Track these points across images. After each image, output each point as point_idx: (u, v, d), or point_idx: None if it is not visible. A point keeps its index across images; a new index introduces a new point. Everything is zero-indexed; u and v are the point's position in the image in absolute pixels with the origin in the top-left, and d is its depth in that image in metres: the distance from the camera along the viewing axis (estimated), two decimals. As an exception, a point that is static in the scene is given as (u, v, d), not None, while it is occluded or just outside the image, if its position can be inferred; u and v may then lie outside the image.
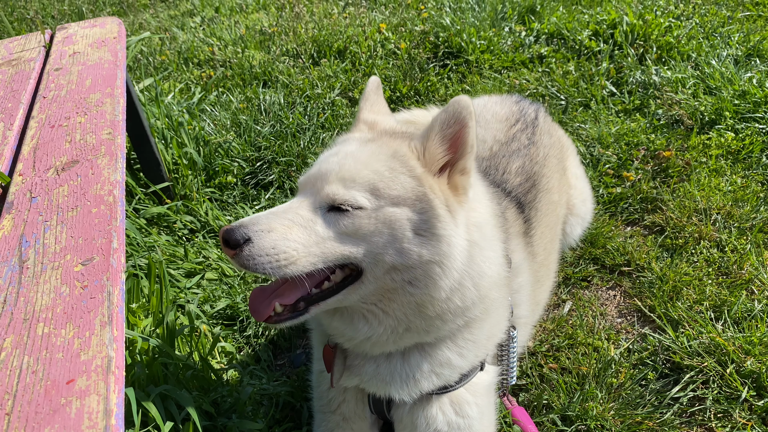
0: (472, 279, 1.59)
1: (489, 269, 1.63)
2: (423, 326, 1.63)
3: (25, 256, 1.56)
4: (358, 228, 1.50)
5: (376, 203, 1.51)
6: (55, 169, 1.93)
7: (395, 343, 1.67)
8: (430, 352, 1.73)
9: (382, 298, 1.58)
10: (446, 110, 1.50)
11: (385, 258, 1.51)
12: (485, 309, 1.72)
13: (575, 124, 3.92)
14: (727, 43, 4.51)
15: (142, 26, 6.86)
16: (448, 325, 1.65)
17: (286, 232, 1.49)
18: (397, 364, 1.74)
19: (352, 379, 1.83)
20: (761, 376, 2.21)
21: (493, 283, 1.68)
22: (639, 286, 2.76)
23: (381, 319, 1.62)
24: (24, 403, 1.15)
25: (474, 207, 1.64)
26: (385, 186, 1.51)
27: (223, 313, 2.84)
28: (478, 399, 1.85)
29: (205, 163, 3.80)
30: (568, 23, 5.09)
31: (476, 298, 1.63)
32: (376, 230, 1.50)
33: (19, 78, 2.64)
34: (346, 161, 1.57)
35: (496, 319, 1.85)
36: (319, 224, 1.52)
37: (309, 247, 1.49)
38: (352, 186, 1.52)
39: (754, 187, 3.15)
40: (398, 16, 5.82)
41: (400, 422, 1.87)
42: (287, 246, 1.47)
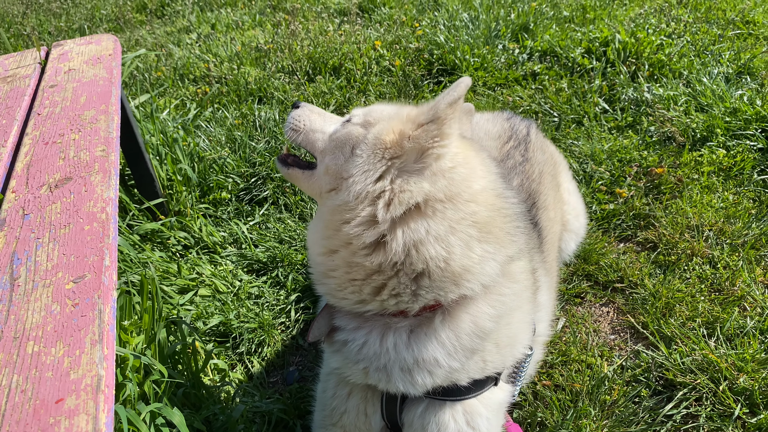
0: (404, 233, 1.56)
1: (435, 245, 1.56)
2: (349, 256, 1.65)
3: (16, 273, 1.56)
4: (335, 131, 1.80)
5: (358, 121, 1.77)
6: (48, 186, 1.93)
7: (347, 276, 1.68)
8: (407, 341, 1.67)
9: (322, 202, 1.76)
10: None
11: (326, 157, 1.75)
12: (464, 297, 1.64)
13: (568, 140, 3.94)
14: (718, 60, 4.56)
15: (138, 42, 6.89)
16: (394, 284, 1.61)
17: (312, 116, 1.95)
18: (375, 344, 1.70)
19: (351, 368, 1.78)
20: (754, 393, 2.21)
21: (462, 270, 1.59)
22: (632, 302, 2.77)
23: (319, 223, 1.74)
24: (12, 422, 1.14)
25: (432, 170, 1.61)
26: (373, 115, 1.75)
27: (216, 329, 2.83)
28: (490, 414, 1.82)
29: (199, 179, 3.80)
30: (561, 41, 5.14)
31: (419, 266, 1.57)
32: (338, 136, 1.75)
33: (14, 94, 2.65)
34: (373, 108, 1.87)
35: (513, 331, 1.80)
36: (329, 124, 1.89)
37: (309, 131, 1.90)
38: (364, 110, 1.82)
39: (745, 204, 3.17)
40: (393, 33, 5.87)
41: (411, 427, 1.82)
42: (303, 120, 1.93)
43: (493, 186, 1.72)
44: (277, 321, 2.89)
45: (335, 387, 1.95)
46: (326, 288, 1.75)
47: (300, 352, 2.77)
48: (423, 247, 1.56)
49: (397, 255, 1.57)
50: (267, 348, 2.77)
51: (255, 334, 2.80)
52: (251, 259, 3.25)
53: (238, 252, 3.32)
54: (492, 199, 1.69)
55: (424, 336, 1.68)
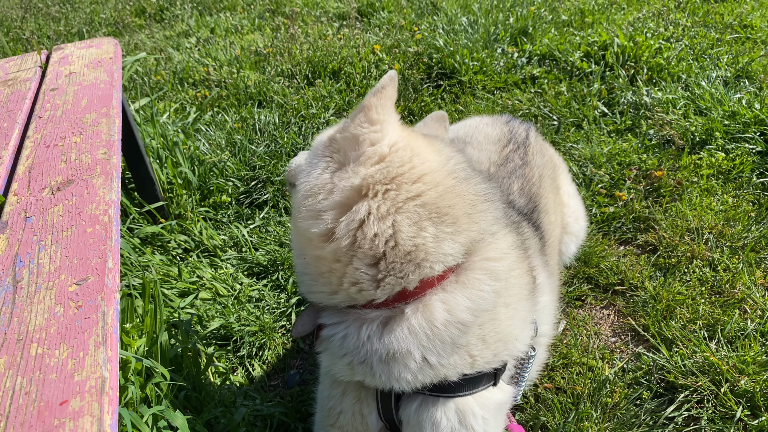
0: (347, 216, 1.59)
1: (379, 224, 1.57)
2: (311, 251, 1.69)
3: (19, 276, 1.56)
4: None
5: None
6: (50, 189, 1.93)
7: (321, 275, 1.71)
8: (378, 333, 1.66)
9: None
10: None
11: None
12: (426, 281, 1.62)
13: (568, 144, 3.95)
14: (717, 64, 4.58)
15: (138, 47, 6.90)
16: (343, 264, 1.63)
17: (301, 156, 2.02)
18: (353, 336, 1.70)
19: (340, 367, 1.77)
20: (755, 395, 2.22)
21: (414, 247, 1.58)
22: (633, 305, 2.77)
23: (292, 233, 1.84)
24: (17, 424, 1.14)
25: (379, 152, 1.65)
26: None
27: (217, 333, 2.83)
28: (486, 414, 1.80)
29: (199, 183, 3.80)
30: (560, 45, 5.15)
31: (365, 242, 1.58)
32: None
33: (14, 98, 2.65)
34: None
35: (500, 327, 1.77)
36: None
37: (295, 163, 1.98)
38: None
39: (745, 207, 3.18)
40: (392, 37, 5.88)
41: (408, 424, 1.81)
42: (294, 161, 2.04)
43: (448, 168, 1.72)
44: (277, 324, 2.89)
45: (329, 388, 1.94)
46: (304, 287, 1.79)
47: (301, 356, 2.77)
48: (367, 227, 1.57)
49: (343, 237, 1.59)
50: (268, 351, 2.76)
51: (256, 338, 2.79)
52: (252, 263, 3.25)
53: (238, 255, 3.32)
54: (444, 180, 1.67)
55: (396, 326, 1.65)
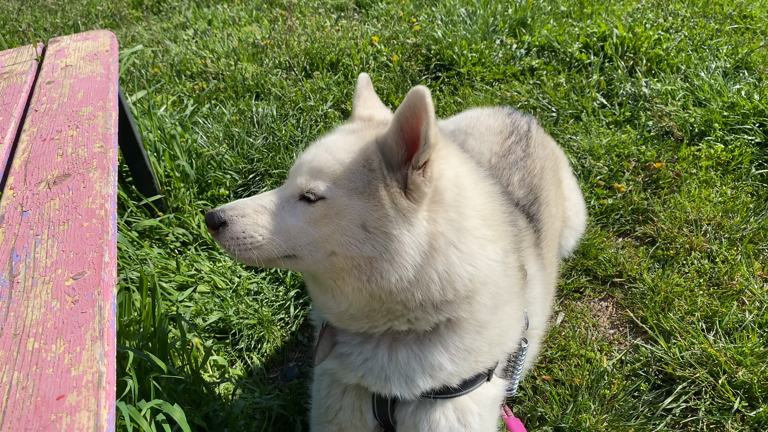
0: (440, 276, 1.57)
1: (466, 267, 1.59)
2: (382, 309, 1.63)
3: (15, 270, 1.55)
4: (318, 218, 1.55)
5: (337, 193, 1.54)
6: (46, 183, 1.92)
7: (367, 318, 1.67)
8: (418, 353, 1.71)
9: (337, 277, 1.61)
10: (404, 102, 1.44)
11: (325, 246, 1.56)
12: (473, 314, 1.68)
13: (566, 135, 3.94)
14: (716, 55, 4.56)
15: (135, 39, 6.86)
16: (415, 315, 1.63)
17: (257, 218, 1.60)
18: (384, 359, 1.72)
19: (348, 374, 1.80)
20: (753, 386, 2.22)
21: (478, 283, 1.63)
22: (631, 297, 2.77)
23: (341, 299, 1.65)
24: (14, 419, 1.14)
25: (450, 204, 1.58)
26: (347, 177, 1.55)
27: (216, 326, 2.83)
28: (482, 410, 1.83)
29: (197, 176, 3.79)
30: (559, 36, 5.13)
31: (450, 296, 1.60)
32: (329, 221, 1.55)
33: (10, 91, 2.64)
34: (319, 152, 1.63)
35: (503, 328, 1.82)
36: (289, 212, 1.60)
37: (276, 233, 1.59)
38: (318, 176, 1.57)
39: (743, 198, 3.17)
40: (390, 28, 5.85)
41: (403, 425, 1.84)
42: (255, 231, 1.58)
43: (480, 173, 1.79)
44: (276, 317, 2.89)
45: (329, 386, 1.96)
46: (336, 319, 1.74)
47: (299, 348, 2.77)
48: (457, 278, 1.59)
49: (435, 295, 1.59)
50: (266, 344, 2.77)
51: (254, 331, 2.79)
52: (250, 256, 3.24)
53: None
54: (485, 186, 1.75)
55: (430, 344, 1.71)
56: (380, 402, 1.87)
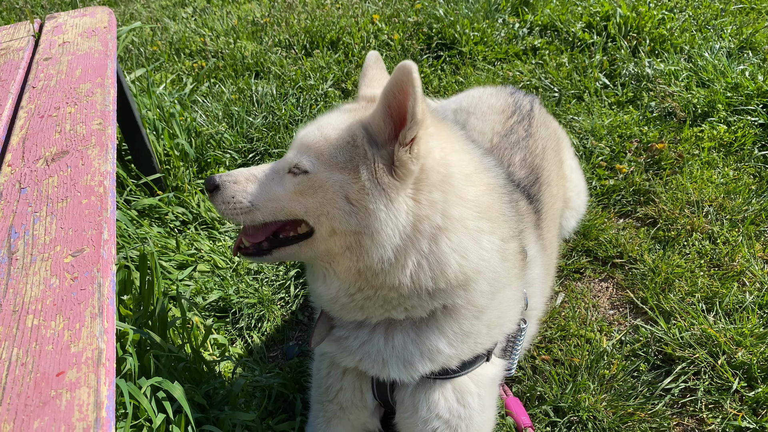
0: (428, 262, 1.56)
1: (456, 258, 1.57)
2: (376, 297, 1.63)
3: (14, 247, 1.54)
4: (302, 190, 1.60)
5: (319, 168, 1.58)
6: (44, 160, 1.91)
7: (361, 309, 1.67)
8: (415, 338, 1.71)
9: (332, 260, 1.64)
10: (391, 78, 1.43)
11: (321, 219, 1.59)
12: (470, 300, 1.68)
13: (568, 116, 3.91)
14: (720, 35, 4.51)
15: (133, 16, 6.79)
16: (410, 303, 1.63)
17: (246, 186, 1.68)
18: (380, 343, 1.73)
19: (346, 357, 1.81)
20: (752, 367, 2.23)
21: (472, 273, 1.62)
22: (631, 278, 2.77)
23: (333, 279, 1.67)
24: (13, 395, 1.14)
25: (433, 185, 1.55)
26: (330, 153, 1.58)
27: (216, 305, 2.83)
28: (481, 390, 1.84)
29: (196, 155, 3.77)
30: (562, 15, 5.07)
31: (442, 285, 1.59)
32: (313, 193, 1.58)
33: (7, 67, 2.61)
34: (311, 130, 1.68)
35: (501, 310, 1.82)
36: (277, 183, 1.66)
37: (264, 201, 1.66)
38: (304, 152, 1.62)
39: (745, 180, 3.16)
40: (391, 6, 5.79)
41: (402, 405, 1.85)
42: (243, 197, 1.67)
43: (478, 160, 1.75)
44: (276, 296, 2.89)
45: (329, 366, 1.97)
46: (330, 308, 1.75)
47: (299, 327, 2.77)
48: (448, 267, 1.58)
49: (426, 283, 1.59)
50: (267, 323, 2.77)
51: (254, 310, 2.80)
52: (250, 235, 3.23)
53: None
54: (485, 178, 1.71)
55: (427, 329, 1.71)
56: (379, 384, 1.88)
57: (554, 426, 2.22)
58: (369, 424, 2.02)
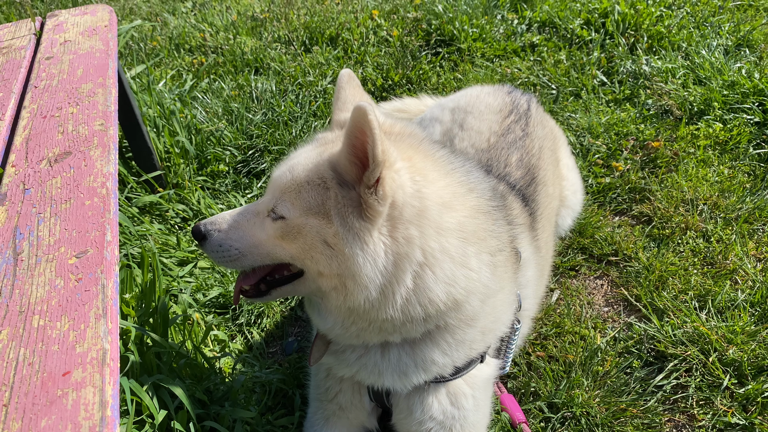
0: (416, 296, 1.56)
1: (442, 288, 1.57)
2: (371, 328, 1.66)
3: (19, 248, 1.58)
4: (282, 235, 1.61)
5: (294, 213, 1.58)
6: (47, 161, 1.94)
7: (357, 337, 1.71)
8: (410, 351, 1.75)
9: (323, 297, 1.67)
10: (350, 119, 1.41)
11: (307, 263, 1.60)
12: (463, 319, 1.71)
13: (566, 113, 3.94)
14: (718, 33, 4.53)
15: (133, 11, 6.80)
16: (404, 330, 1.65)
17: (230, 232, 1.69)
18: (376, 356, 1.78)
19: (343, 368, 1.87)
20: (743, 364, 2.27)
21: (461, 297, 1.62)
22: (626, 275, 2.81)
23: (327, 314, 1.69)
24: (21, 394, 1.18)
25: (409, 221, 1.52)
26: (302, 197, 1.57)
27: (216, 301, 2.86)
28: (475, 392, 1.89)
29: (197, 152, 3.80)
30: (560, 12, 5.09)
31: (433, 312, 1.60)
32: (293, 238, 1.59)
33: (9, 67, 2.64)
34: (284, 171, 1.67)
35: (495, 315, 1.85)
36: (258, 227, 1.66)
37: (249, 248, 1.67)
38: (279, 196, 1.62)
39: (740, 178, 3.19)
40: (391, 2, 5.80)
41: (398, 407, 1.91)
42: (230, 245, 1.68)
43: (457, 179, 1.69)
44: (275, 293, 2.92)
45: (327, 370, 2.02)
46: (328, 332, 1.77)
47: (299, 323, 2.81)
48: (435, 296, 1.59)
49: (416, 314, 1.60)
50: (266, 319, 2.81)
51: (254, 306, 2.83)
52: (249, 232, 3.27)
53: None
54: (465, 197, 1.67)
55: (422, 343, 1.75)
56: (375, 389, 1.93)
57: (548, 421, 2.26)
58: (367, 423, 2.09)
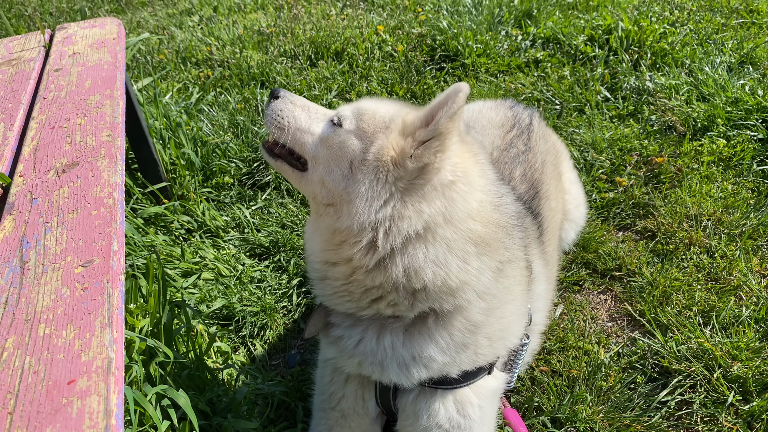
0: (402, 259, 1.59)
1: (432, 268, 1.59)
2: (356, 277, 1.68)
3: (26, 257, 1.59)
4: (328, 138, 1.72)
5: (351, 128, 1.69)
6: (55, 171, 1.95)
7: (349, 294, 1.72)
8: (405, 342, 1.73)
9: (318, 211, 1.74)
10: (443, 92, 1.55)
11: (318, 168, 1.72)
12: (462, 310, 1.70)
13: (570, 128, 3.96)
14: (721, 50, 4.56)
15: (140, 25, 6.87)
16: (391, 299, 1.66)
17: (296, 111, 1.85)
18: (371, 342, 1.76)
19: (346, 360, 1.84)
20: (747, 380, 2.26)
21: (456, 283, 1.63)
22: (630, 290, 2.80)
23: (316, 235, 1.76)
24: (26, 402, 1.18)
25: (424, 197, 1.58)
26: (366, 122, 1.69)
27: (219, 313, 2.87)
28: (482, 402, 1.87)
29: (202, 164, 3.82)
30: (564, 28, 5.13)
31: (419, 287, 1.61)
32: (331, 145, 1.70)
33: (19, 78, 2.66)
34: (371, 102, 1.80)
35: (504, 324, 1.84)
36: (317, 123, 1.82)
37: (296, 130, 1.81)
38: (354, 112, 1.74)
39: (744, 194, 3.20)
40: (396, 18, 5.85)
41: (404, 412, 1.89)
42: (287, 116, 1.83)
43: (491, 197, 1.72)
44: (279, 305, 2.93)
45: (332, 374, 2.01)
46: (322, 292, 1.81)
47: (302, 336, 2.81)
48: (422, 271, 1.60)
49: (397, 278, 1.62)
50: (269, 331, 2.81)
51: (257, 318, 2.84)
52: (254, 244, 3.28)
53: (240, 236, 3.35)
54: (489, 213, 1.69)
55: (418, 335, 1.74)
56: (383, 390, 1.92)
57: (552, 437, 2.25)
58: (370, 431, 2.06)
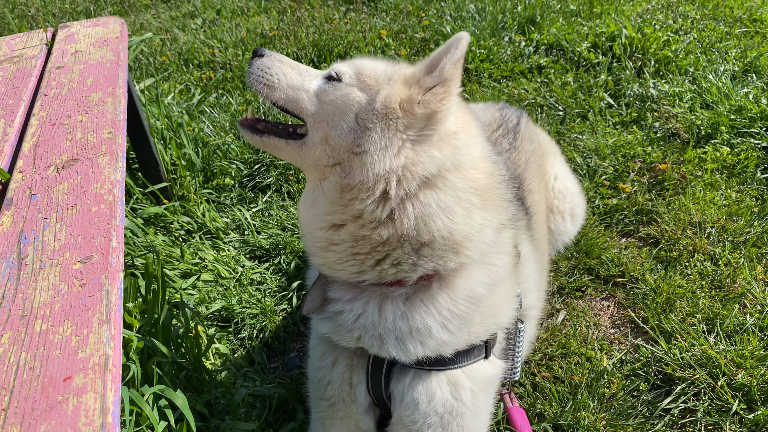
0: (413, 207, 1.58)
1: (442, 216, 1.59)
2: (360, 236, 1.64)
3: (24, 252, 1.57)
4: (325, 93, 1.68)
5: (351, 82, 1.67)
6: (55, 167, 1.93)
7: (353, 258, 1.68)
8: (405, 312, 1.69)
9: (322, 176, 1.68)
10: (445, 43, 1.56)
11: (320, 125, 1.66)
12: (462, 265, 1.68)
13: (573, 134, 3.94)
14: (725, 58, 4.55)
15: (144, 26, 6.87)
16: (395, 254, 1.63)
17: (285, 69, 1.78)
18: (373, 314, 1.72)
19: (344, 334, 1.79)
20: (752, 389, 2.23)
21: (461, 236, 1.62)
22: (633, 297, 2.78)
23: (321, 197, 1.69)
24: (21, 399, 1.16)
25: (434, 143, 1.60)
26: (368, 75, 1.67)
27: (218, 314, 2.84)
28: (474, 387, 1.81)
29: (203, 165, 3.81)
30: (568, 35, 5.12)
31: (427, 236, 1.60)
32: (333, 99, 1.66)
33: (20, 75, 2.65)
34: (369, 60, 1.77)
35: (493, 302, 1.81)
36: (309, 80, 1.76)
37: (288, 87, 1.74)
38: (352, 68, 1.71)
39: (748, 202, 3.18)
40: (399, 22, 5.85)
41: (402, 400, 1.81)
42: (276, 73, 1.76)
43: (488, 151, 1.78)
44: (278, 307, 2.90)
45: (320, 358, 1.94)
46: (324, 260, 1.75)
47: (301, 339, 2.78)
48: (431, 220, 1.59)
49: (408, 229, 1.59)
50: (268, 333, 2.78)
51: (257, 320, 2.81)
52: (254, 246, 3.26)
53: (240, 238, 3.33)
54: (489, 166, 1.73)
55: (420, 302, 1.70)
56: (374, 375, 1.85)
57: (553, 444, 2.22)
58: (362, 423, 1.97)
